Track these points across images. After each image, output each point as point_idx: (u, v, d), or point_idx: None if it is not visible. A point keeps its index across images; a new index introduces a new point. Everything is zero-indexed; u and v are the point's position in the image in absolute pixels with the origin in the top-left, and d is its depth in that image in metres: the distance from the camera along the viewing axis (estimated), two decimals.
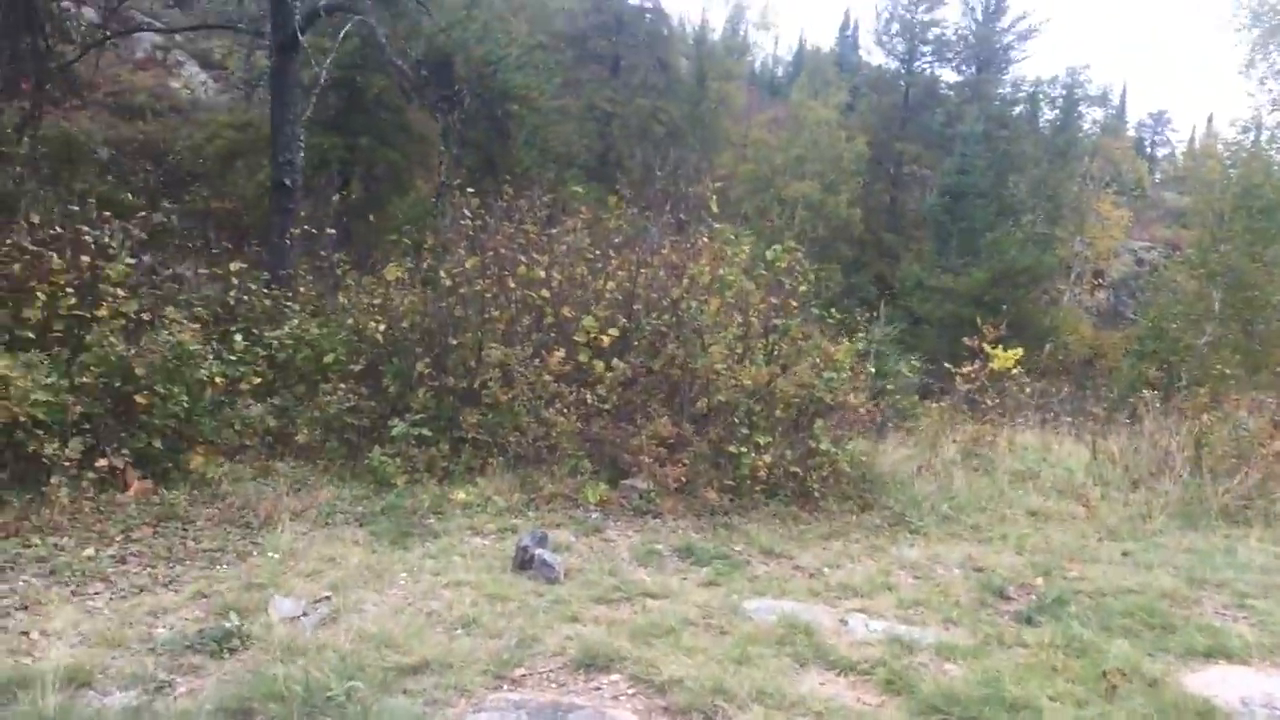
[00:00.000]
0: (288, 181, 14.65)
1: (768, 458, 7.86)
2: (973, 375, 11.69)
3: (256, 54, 25.96)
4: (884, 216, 44.82)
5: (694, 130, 43.88)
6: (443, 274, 8.72)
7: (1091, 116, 51.89)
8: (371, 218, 12.52)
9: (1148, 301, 31.94)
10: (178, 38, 29.86)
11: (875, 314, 12.73)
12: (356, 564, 6.00)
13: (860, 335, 10.27)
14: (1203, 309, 26.55)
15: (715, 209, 9.38)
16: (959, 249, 32.08)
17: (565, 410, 7.89)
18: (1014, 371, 11.98)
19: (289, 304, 9.93)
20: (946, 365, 12.04)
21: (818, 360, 8.53)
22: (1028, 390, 12.22)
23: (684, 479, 7.88)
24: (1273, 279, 26.76)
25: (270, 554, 6.08)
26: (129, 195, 19.87)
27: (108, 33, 19.88)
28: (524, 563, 6.06)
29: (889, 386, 10.35)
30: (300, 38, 14.24)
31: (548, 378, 7.96)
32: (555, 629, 5.10)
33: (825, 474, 8.07)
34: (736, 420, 8.08)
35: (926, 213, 36.32)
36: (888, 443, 9.94)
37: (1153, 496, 8.67)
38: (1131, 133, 70.58)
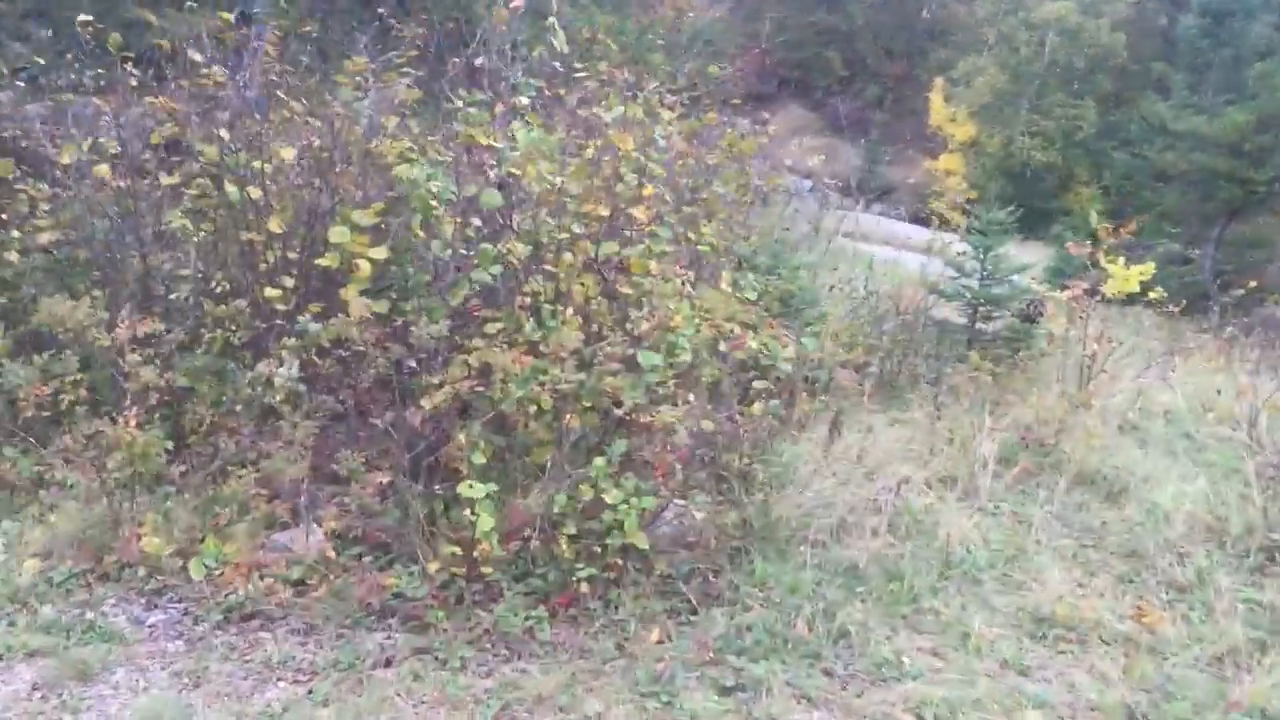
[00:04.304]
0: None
1: (487, 522, 4.22)
2: (1076, 301, 7.36)
3: None
4: (1157, 43, 36.81)
5: None
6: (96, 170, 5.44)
7: None
8: None
9: None
10: None
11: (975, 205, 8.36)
12: None
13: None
14: None
15: (563, 46, 5.47)
16: (1218, 84, 24.97)
17: (138, 416, 4.49)
18: (1151, 295, 7.54)
19: None
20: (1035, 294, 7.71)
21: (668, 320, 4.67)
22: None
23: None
24: None
25: None
26: None
27: None
28: None
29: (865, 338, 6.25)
30: None
31: (136, 357, 4.55)
32: None
33: (618, 548, 4.35)
34: (464, 438, 4.44)
35: (1180, 38, 28.88)
36: (868, 437, 5.95)
37: None
38: None
